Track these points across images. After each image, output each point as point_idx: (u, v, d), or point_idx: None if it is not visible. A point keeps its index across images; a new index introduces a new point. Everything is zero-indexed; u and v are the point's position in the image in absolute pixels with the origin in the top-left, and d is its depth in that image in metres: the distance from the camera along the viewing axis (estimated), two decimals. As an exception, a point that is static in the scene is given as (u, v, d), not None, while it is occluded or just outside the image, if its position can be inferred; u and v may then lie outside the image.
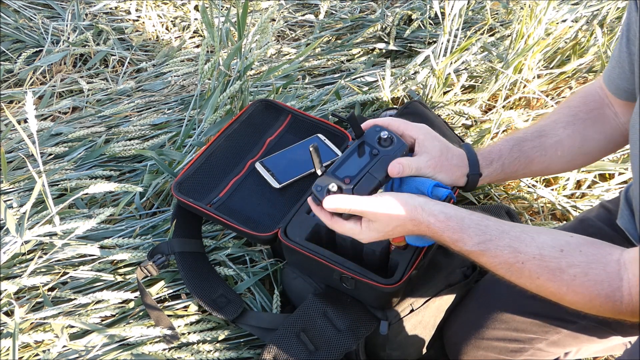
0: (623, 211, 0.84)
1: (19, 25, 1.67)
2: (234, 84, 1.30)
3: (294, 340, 0.90)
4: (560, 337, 0.89)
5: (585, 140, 0.86)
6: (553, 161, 0.86)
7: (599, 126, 0.86)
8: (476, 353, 0.94)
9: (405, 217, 0.71)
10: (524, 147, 0.84)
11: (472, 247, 0.68)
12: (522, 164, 0.85)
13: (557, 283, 0.64)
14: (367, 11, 1.98)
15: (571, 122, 0.85)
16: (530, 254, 0.65)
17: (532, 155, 0.84)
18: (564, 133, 0.85)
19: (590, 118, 0.86)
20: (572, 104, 0.88)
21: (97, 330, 0.93)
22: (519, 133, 0.87)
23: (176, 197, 1.03)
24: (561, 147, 0.85)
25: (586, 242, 0.66)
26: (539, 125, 0.87)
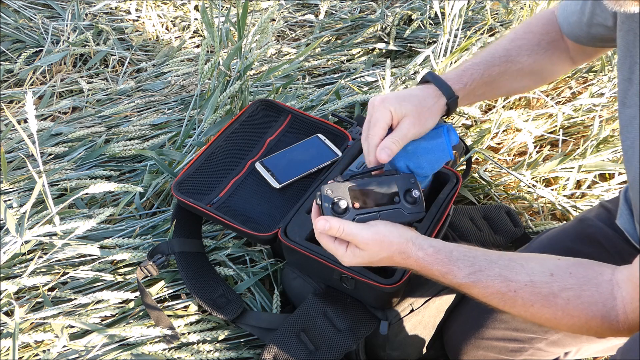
0: (622, 211, 0.84)
1: (19, 25, 1.67)
2: (234, 84, 1.30)
3: (294, 340, 0.90)
4: (560, 337, 0.89)
5: (545, 68, 0.90)
6: (515, 84, 0.90)
7: (556, 57, 0.89)
8: (476, 353, 0.94)
9: (394, 250, 0.70)
10: (493, 72, 0.86)
11: (463, 279, 0.68)
12: (488, 86, 0.86)
13: (551, 309, 0.64)
14: (367, 11, 1.98)
15: (535, 50, 0.88)
16: (521, 281, 0.65)
17: (498, 79, 0.87)
18: (527, 61, 0.87)
19: (551, 48, 0.88)
20: (535, 30, 0.89)
21: (97, 330, 0.93)
22: (486, 56, 0.87)
23: (176, 197, 1.03)
24: (522, 73, 0.88)
25: (575, 263, 0.66)
26: (505, 49, 0.88)
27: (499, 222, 1.16)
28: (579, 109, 1.53)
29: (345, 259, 0.73)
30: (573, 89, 1.63)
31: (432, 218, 0.94)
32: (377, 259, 0.72)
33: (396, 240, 0.70)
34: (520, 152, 1.50)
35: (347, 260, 0.73)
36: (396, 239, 0.71)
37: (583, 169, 1.35)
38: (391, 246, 0.70)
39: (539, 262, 0.67)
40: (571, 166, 1.35)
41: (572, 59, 0.91)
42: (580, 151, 1.37)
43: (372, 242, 0.70)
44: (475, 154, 1.36)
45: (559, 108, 1.48)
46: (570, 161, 1.35)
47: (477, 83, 0.84)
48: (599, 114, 1.45)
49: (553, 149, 1.50)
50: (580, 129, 1.52)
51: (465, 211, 1.16)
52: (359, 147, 1.09)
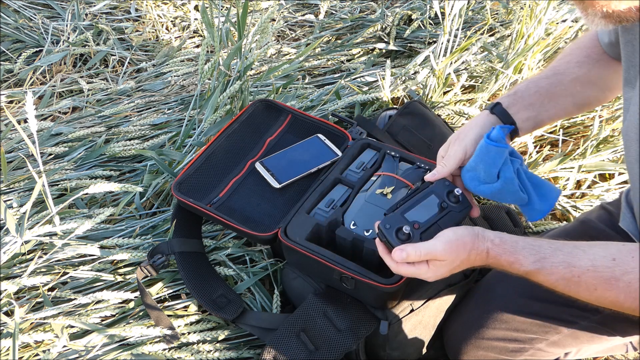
0: (625, 214, 0.84)
1: (19, 25, 1.67)
2: (234, 84, 1.29)
3: (294, 340, 0.90)
4: (561, 337, 0.89)
5: (604, 77, 0.88)
6: (575, 96, 0.87)
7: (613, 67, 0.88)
8: (476, 353, 0.94)
9: (469, 249, 0.72)
10: (541, 83, 0.86)
11: (529, 267, 0.69)
12: (544, 97, 0.85)
13: (614, 292, 0.66)
14: (367, 11, 1.98)
15: (584, 62, 0.87)
16: (584, 267, 0.67)
17: (552, 90, 0.86)
18: (581, 71, 0.87)
19: (602, 59, 0.88)
20: (582, 45, 0.90)
21: (97, 330, 0.93)
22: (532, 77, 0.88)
23: (176, 197, 1.03)
24: (579, 83, 0.87)
25: (637, 247, 0.67)
26: (553, 66, 0.88)
27: (499, 222, 1.16)
28: (579, 109, 1.53)
29: (430, 274, 0.73)
30: None
31: (432, 218, 0.94)
32: (458, 264, 0.73)
33: (466, 239, 0.72)
34: (520, 152, 1.50)
35: (432, 274, 0.73)
36: (466, 237, 0.72)
37: (583, 169, 1.35)
38: (465, 247, 0.72)
39: (602, 248, 0.69)
40: (571, 166, 1.35)
41: None
42: (580, 151, 1.37)
43: (449, 250, 0.71)
44: (475, 154, 1.36)
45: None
46: (570, 161, 1.35)
47: (523, 93, 0.85)
48: (599, 114, 1.45)
49: (553, 149, 1.50)
50: (580, 129, 1.52)
51: (465, 211, 1.16)
52: (358, 147, 1.09)
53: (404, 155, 1.05)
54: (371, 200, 0.97)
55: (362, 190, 1.00)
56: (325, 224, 0.94)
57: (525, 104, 0.85)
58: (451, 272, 0.74)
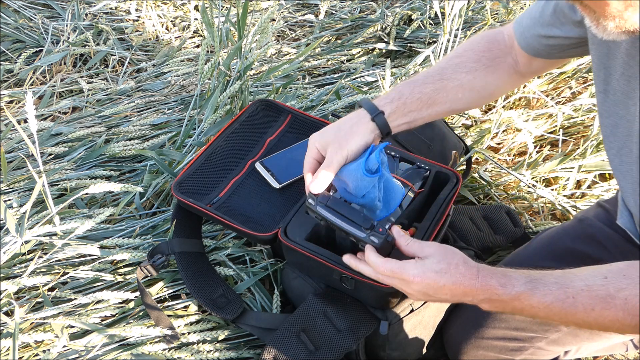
0: (622, 211, 0.84)
1: (19, 25, 1.67)
2: (234, 84, 1.30)
3: (294, 340, 0.90)
4: (560, 336, 0.89)
5: (485, 85, 0.89)
6: (454, 102, 0.88)
7: (499, 73, 0.89)
8: (476, 352, 0.94)
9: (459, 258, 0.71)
10: (425, 89, 0.85)
11: (521, 287, 0.68)
12: (424, 103, 0.85)
13: (612, 310, 0.65)
14: (367, 11, 1.98)
15: (474, 67, 0.87)
16: (577, 287, 0.66)
17: (435, 96, 0.85)
18: (466, 78, 0.87)
19: (493, 65, 0.88)
20: (476, 48, 0.89)
21: (97, 330, 0.93)
22: (419, 76, 0.87)
23: (176, 197, 1.03)
24: (462, 90, 0.87)
25: (627, 266, 0.67)
26: (440, 68, 0.87)
27: (499, 222, 1.16)
28: (579, 109, 1.53)
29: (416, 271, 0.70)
30: (573, 89, 1.63)
31: (432, 218, 0.94)
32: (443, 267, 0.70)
33: (456, 251, 0.72)
34: (520, 152, 1.50)
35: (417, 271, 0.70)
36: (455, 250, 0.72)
37: (583, 169, 1.35)
38: (454, 256, 0.71)
39: (592, 269, 0.68)
40: (571, 166, 1.35)
41: (521, 74, 0.90)
42: (580, 151, 1.37)
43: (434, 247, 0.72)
44: (475, 154, 1.36)
45: (559, 108, 1.48)
46: (570, 161, 1.35)
47: (407, 99, 0.83)
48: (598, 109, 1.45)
49: (553, 149, 1.50)
50: (580, 129, 1.52)
51: (465, 211, 1.16)
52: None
53: (404, 155, 1.05)
54: (371, 200, 0.97)
55: (362, 190, 1.00)
56: (325, 224, 0.94)
57: (406, 111, 0.84)
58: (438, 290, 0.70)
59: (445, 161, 1.22)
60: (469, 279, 0.69)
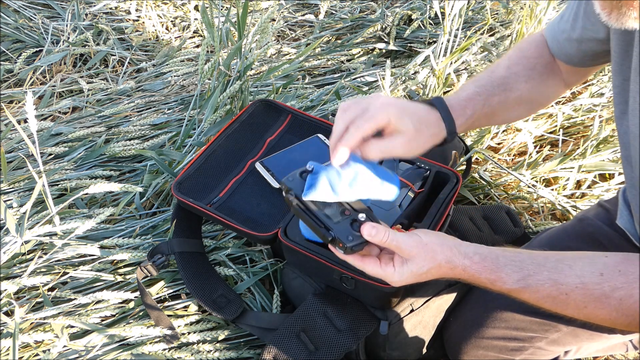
0: (622, 211, 0.84)
1: (19, 25, 1.67)
2: (234, 84, 1.30)
3: (294, 340, 0.90)
4: (560, 336, 0.89)
5: (541, 94, 0.88)
6: (511, 114, 0.87)
7: (552, 80, 0.87)
8: (476, 352, 0.94)
9: (440, 259, 0.68)
10: (492, 102, 0.83)
11: (512, 285, 0.66)
12: (487, 117, 0.84)
13: (605, 309, 0.64)
14: (367, 11, 1.98)
15: (531, 76, 0.86)
16: (572, 284, 0.65)
17: (497, 109, 0.84)
18: (525, 87, 0.85)
19: (546, 72, 0.87)
20: (529, 55, 0.87)
21: (97, 330, 0.93)
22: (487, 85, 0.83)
23: (176, 197, 1.03)
24: (521, 101, 0.86)
25: (622, 259, 0.65)
26: (502, 77, 0.85)
27: (499, 222, 1.16)
28: (579, 109, 1.53)
29: (396, 278, 0.69)
30: (573, 89, 1.63)
31: (432, 218, 0.94)
32: (425, 271, 0.68)
33: (439, 248, 0.68)
34: (520, 152, 1.50)
35: (397, 278, 0.69)
36: (439, 247, 0.68)
37: (583, 169, 1.35)
38: (435, 254, 0.68)
39: (588, 262, 0.66)
40: (571, 166, 1.35)
41: (565, 82, 0.89)
42: (580, 151, 1.37)
43: (416, 249, 0.67)
44: (475, 154, 1.36)
45: (559, 108, 1.48)
46: (570, 161, 1.35)
47: (477, 115, 0.81)
48: (599, 114, 1.45)
49: (553, 149, 1.50)
50: (580, 129, 1.52)
51: (465, 211, 1.16)
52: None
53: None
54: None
55: (362, 190, 1.00)
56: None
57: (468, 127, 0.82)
58: (419, 278, 0.69)
59: (445, 161, 1.22)
60: (452, 276, 0.69)
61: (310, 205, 0.72)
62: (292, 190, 0.73)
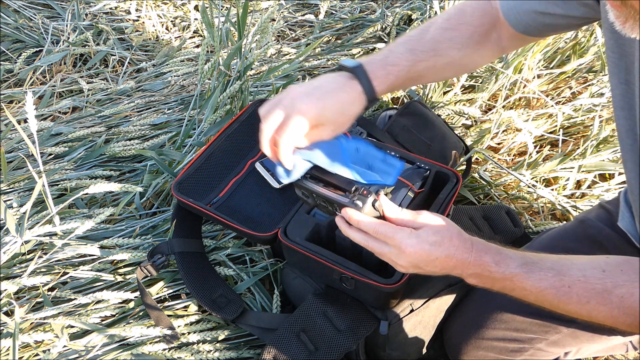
0: (624, 213, 0.84)
1: (19, 25, 1.67)
2: (234, 84, 1.29)
3: (294, 340, 0.90)
4: (560, 337, 0.89)
5: (472, 61, 0.88)
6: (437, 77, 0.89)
7: (487, 48, 0.87)
8: (476, 353, 0.94)
9: (453, 230, 0.68)
10: (419, 66, 0.82)
11: (516, 269, 0.65)
12: (412, 81, 0.84)
13: (607, 306, 0.63)
14: (367, 11, 1.98)
15: (466, 44, 0.84)
16: (574, 276, 0.64)
17: (423, 73, 0.84)
18: (457, 55, 0.84)
19: (482, 41, 0.86)
20: (469, 21, 0.85)
21: (97, 330, 0.93)
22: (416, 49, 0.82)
23: (176, 197, 1.03)
24: (450, 66, 0.86)
25: (624, 261, 0.65)
26: (435, 41, 0.83)
27: (499, 222, 1.16)
28: (579, 109, 1.53)
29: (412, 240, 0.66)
30: (573, 89, 1.63)
31: (432, 218, 0.94)
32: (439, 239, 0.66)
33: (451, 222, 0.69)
34: (520, 152, 1.50)
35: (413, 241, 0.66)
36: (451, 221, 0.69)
37: (583, 169, 1.35)
38: (449, 225, 0.68)
39: (589, 260, 0.66)
40: (571, 166, 1.35)
41: (503, 47, 0.88)
42: (580, 151, 1.37)
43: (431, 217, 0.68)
44: (475, 154, 1.36)
45: (559, 108, 1.48)
46: (570, 161, 1.35)
47: (402, 80, 0.81)
48: (599, 114, 1.45)
49: (553, 149, 1.50)
50: (580, 129, 1.52)
51: (465, 211, 1.16)
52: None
53: (404, 155, 1.05)
54: (371, 200, 0.97)
55: (362, 190, 1.00)
56: (325, 224, 0.94)
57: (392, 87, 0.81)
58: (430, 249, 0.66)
59: (445, 161, 1.22)
60: (462, 253, 0.67)
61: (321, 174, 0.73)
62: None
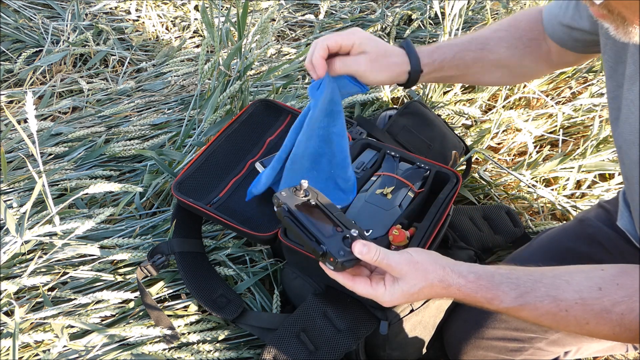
0: (623, 212, 0.84)
1: (19, 25, 1.67)
2: (234, 84, 1.30)
3: (294, 340, 0.90)
4: (560, 336, 0.89)
5: (521, 65, 0.89)
6: (486, 75, 0.89)
7: (536, 56, 0.88)
8: (476, 353, 0.94)
9: (432, 277, 0.66)
10: (466, 56, 0.85)
11: (510, 304, 0.65)
12: (459, 70, 0.86)
13: (608, 325, 0.62)
14: (367, 11, 1.98)
15: (514, 44, 0.86)
16: (571, 300, 0.63)
17: (472, 65, 0.86)
18: (506, 53, 0.86)
19: (532, 46, 0.87)
20: (519, 25, 0.88)
21: (97, 330, 0.93)
22: (464, 40, 0.86)
23: (176, 197, 1.03)
24: (499, 64, 0.87)
25: (620, 272, 0.64)
26: (484, 37, 0.87)
27: (499, 222, 1.16)
28: (579, 109, 1.53)
29: (386, 298, 0.68)
30: (573, 89, 1.63)
31: (432, 218, 0.94)
32: (417, 290, 0.66)
33: (432, 267, 0.67)
34: (520, 152, 1.50)
35: (388, 298, 0.68)
36: (431, 265, 0.67)
37: (583, 169, 1.35)
38: (427, 274, 0.66)
39: (584, 276, 0.65)
40: (571, 166, 1.35)
41: (553, 62, 0.90)
42: (580, 151, 1.37)
43: (407, 267, 0.66)
44: (475, 154, 1.36)
45: (559, 108, 1.48)
46: (570, 161, 1.35)
47: (447, 63, 0.84)
48: (599, 114, 1.45)
49: (553, 149, 1.50)
50: (580, 129, 1.52)
51: (465, 211, 1.16)
52: (358, 147, 1.09)
53: (404, 155, 1.05)
54: (371, 201, 0.97)
55: (362, 191, 1.00)
56: None
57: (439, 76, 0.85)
58: (412, 299, 0.67)
59: (445, 161, 1.22)
60: (447, 295, 0.67)
61: (302, 218, 0.72)
62: (284, 204, 0.73)
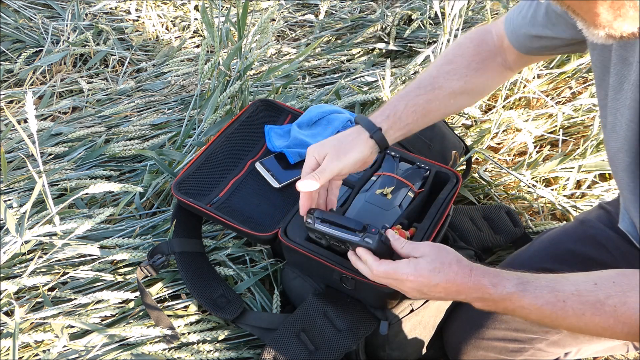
0: (624, 214, 0.84)
1: (19, 25, 1.67)
2: (234, 84, 1.29)
3: (294, 340, 0.90)
4: (561, 337, 0.89)
5: (476, 87, 0.91)
6: (448, 107, 0.91)
7: (489, 73, 0.90)
8: (476, 353, 0.94)
9: (452, 257, 0.72)
10: (419, 100, 0.87)
11: (512, 288, 0.69)
12: (419, 115, 0.88)
13: (602, 316, 0.65)
14: (367, 11, 1.98)
15: (464, 73, 0.89)
16: (568, 291, 0.67)
17: (428, 107, 0.88)
18: (457, 84, 0.88)
19: (482, 68, 0.89)
20: (465, 53, 0.90)
21: (97, 330, 0.93)
22: (411, 88, 0.89)
23: (176, 197, 1.03)
24: (454, 96, 0.89)
25: (618, 274, 0.67)
26: (431, 77, 0.89)
27: (499, 222, 1.16)
28: (579, 109, 1.53)
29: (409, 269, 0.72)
30: (573, 89, 1.63)
31: (432, 218, 0.94)
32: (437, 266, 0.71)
33: (449, 249, 0.74)
34: (520, 152, 1.50)
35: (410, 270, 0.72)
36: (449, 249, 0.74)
37: (583, 169, 1.35)
38: (448, 253, 0.73)
39: (583, 274, 0.69)
40: (571, 166, 1.35)
41: (511, 69, 0.92)
42: (580, 151, 1.37)
43: (429, 247, 0.73)
44: (475, 154, 1.36)
45: (559, 108, 1.48)
46: (570, 161, 1.35)
47: (401, 112, 0.86)
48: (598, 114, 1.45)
49: (553, 149, 1.50)
50: (580, 129, 1.52)
51: (465, 211, 1.16)
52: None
53: (404, 155, 1.05)
54: (371, 201, 0.97)
55: (362, 191, 1.00)
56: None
57: (402, 125, 0.87)
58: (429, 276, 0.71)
59: (445, 161, 1.22)
60: (461, 277, 0.70)
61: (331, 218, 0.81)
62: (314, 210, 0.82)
